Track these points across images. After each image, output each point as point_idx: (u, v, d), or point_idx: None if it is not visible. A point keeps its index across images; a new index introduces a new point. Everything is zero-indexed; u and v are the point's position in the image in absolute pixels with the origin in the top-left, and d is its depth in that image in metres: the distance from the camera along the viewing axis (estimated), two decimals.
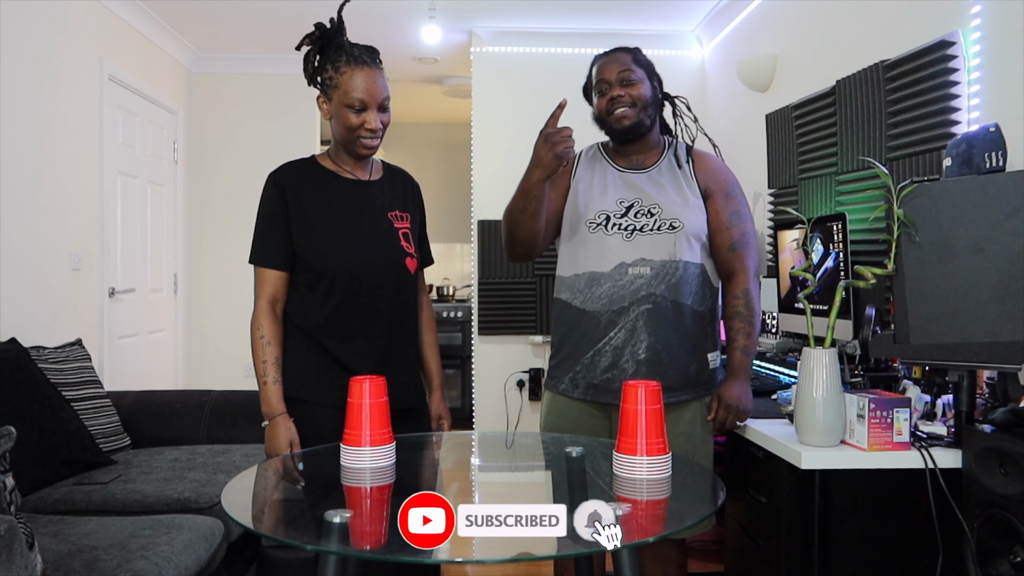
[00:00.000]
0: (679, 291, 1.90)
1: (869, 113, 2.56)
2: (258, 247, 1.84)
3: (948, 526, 1.65)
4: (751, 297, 1.93)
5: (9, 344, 2.59)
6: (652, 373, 1.87)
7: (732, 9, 3.88)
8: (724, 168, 2.02)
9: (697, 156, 2.02)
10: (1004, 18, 2.03)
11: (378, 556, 1.24)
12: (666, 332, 1.89)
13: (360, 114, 1.78)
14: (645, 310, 1.88)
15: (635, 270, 1.90)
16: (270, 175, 1.88)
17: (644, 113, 1.95)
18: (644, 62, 2.01)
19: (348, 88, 1.77)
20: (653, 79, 2.01)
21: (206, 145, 4.95)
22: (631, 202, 1.95)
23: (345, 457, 1.47)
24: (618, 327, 1.90)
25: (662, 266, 1.89)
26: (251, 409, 3.10)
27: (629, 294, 1.89)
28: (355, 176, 1.89)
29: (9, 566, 1.42)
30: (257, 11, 4.13)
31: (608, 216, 1.94)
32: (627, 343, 1.90)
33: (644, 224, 1.92)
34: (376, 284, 1.83)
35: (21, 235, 3.01)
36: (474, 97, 4.41)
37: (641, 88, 1.95)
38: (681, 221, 1.91)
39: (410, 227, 1.91)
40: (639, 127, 1.95)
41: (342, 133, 1.82)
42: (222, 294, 4.94)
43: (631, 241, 1.91)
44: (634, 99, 1.94)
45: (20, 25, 3.01)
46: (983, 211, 1.58)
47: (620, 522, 1.12)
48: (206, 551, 2.11)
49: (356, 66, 1.78)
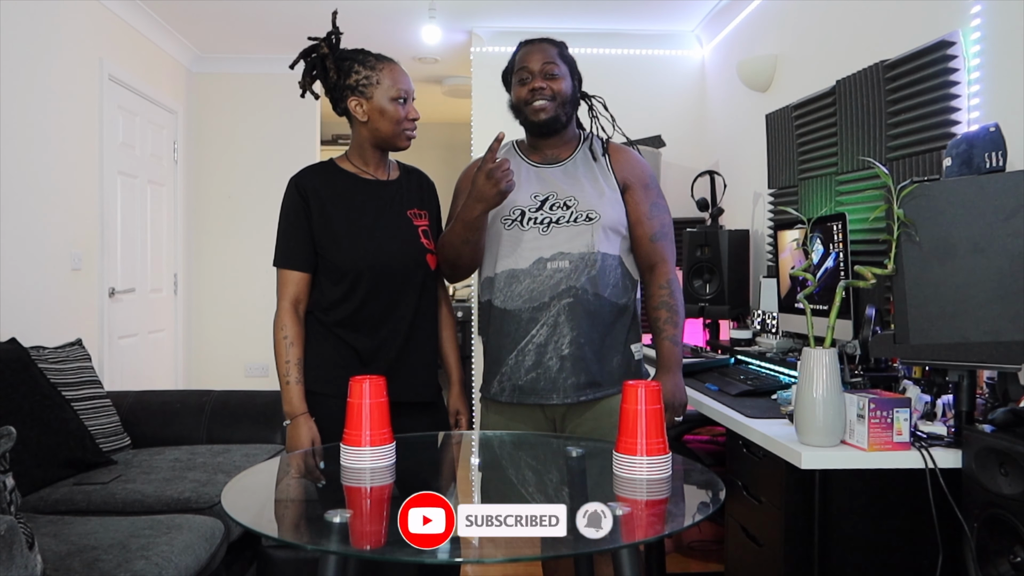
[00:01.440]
0: (598, 283, 1.87)
1: (869, 113, 2.56)
2: (281, 250, 1.92)
3: (948, 526, 1.65)
4: (675, 287, 1.93)
5: (9, 344, 2.59)
6: (576, 369, 1.85)
7: (732, 9, 3.88)
8: (641, 161, 2.01)
9: (614, 149, 2.00)
10: (1004, 18, 2.03)
11: (378, 556, 1.25)
12: (588, 325, 1.86)
13: (404, 105, 1.88)
14: (566, 304, 1.85)
15: (553, 264, 1.87)
16: (291, 180, 1.93)
17: (562, 109, 1.93)
18: (568, 58, 1.98)
19: (393, 81, 1.87)
20: (574, 77, 1.99)
21: (206, 145, 4.95)
22: (545, 196, 1.92)
23: (345, 457, 1.47)
24: (540, 323, 1.86)
25: (580, 258, 1.86)
26: (251, 409, 3.10)
27: (549, 288, 1.86)
28: (374, 176, 1.94)
29: (9, 566, 1.42)
30: (257, 11, 4.13)
31: (523, 211, 1.91)
32: (550, 339, 1.86)
33: (560, 217, 1.89)
34: (398, 281, 1.88)
35: (21, 235, 3.01)
36: (474, 97, 4.41)
37: (563, 83, 1.93)
38: (598, 213, 1.88)
39: (429, 224, 1.96)
40: (555, 121, 1.93)
41: (388, 128, 1.88)
42: (222, 294, 4.94)
43: (548, 235, 1.88)
44: (555, 93, 1.91)
45: (20, 25, 3.01)
46: (983, 211, 1.58)
47: (620, 522, 1.12)
48: (206, 551, 2.11)
49: (390, 63, 1.90)
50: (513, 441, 1.84)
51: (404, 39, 4.52)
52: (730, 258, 3.33)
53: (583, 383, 1.86)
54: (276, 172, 5.14)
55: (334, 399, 1.81)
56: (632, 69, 4.41)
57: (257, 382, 4.79)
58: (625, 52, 4.43)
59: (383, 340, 1.87)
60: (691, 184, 3.81)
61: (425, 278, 1.93)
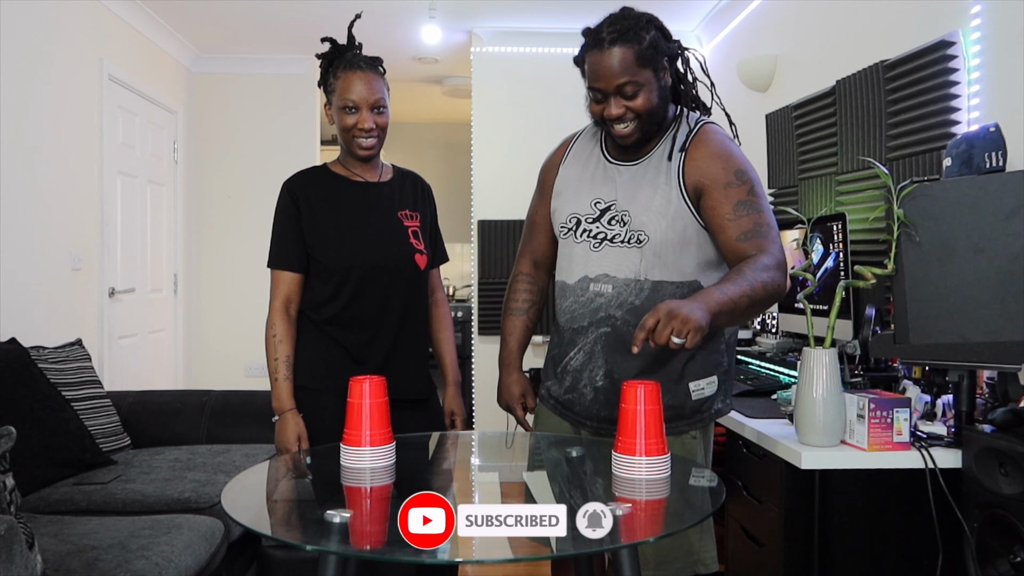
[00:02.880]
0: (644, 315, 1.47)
1: (869, 113, 2.56)
2: (274, 252, 1.96)
3: (948, 526, 1.65)
4: (760, 265, 1.50)
5: (9, 344, 2.59)
6: (609, 404, 1.64)
7: (732, 9, 3.88)
8: (724, 154, 1.62)
9: (695, 144, 1.63)
10: (1004, 18, 2.03)
11: (378, 556, 1.24)
12: (625, 360, 1.63)
13: (353, 114, 1.86)
14: (603, 333, 1.65)
15: (596, 287, 1.65)
16: (284, 184, 1.98)
17: (650, 121, 1.62)
18: (648, 53, 1.58)
19: (342, 91, 1.87)
20: (662, 70, 1.62)
21: (206, 145, 4.95)
22: (608, 204, 1.67)
23: (345, 457, 1.47)
24: (577, 347, 1.69)
25: (625, 285, 1.63)
26: (251, 409, 3.10)
27: (588, 313, 1.67)
28: (364, 179, 1.96)
29: (9, 566, 1.42)
30: (257, 11, 4.12)
31: (579, 220, 1.70)
32: (585, 367, 1.69)
33: (616, 234, 1.64)
34: (387, 280, 1.90)
35: (21, 235, 3.01)
36: (474, 97, 4.41)
37: (648, 95, 1.58)
38: (647, 234, 1.61)
39: (420, 225, 1.98)
40: (645, 137, 1.65)
41: (340, 134, 1.91)
42: (222, 294, 4.94)
43: (598, 252, 1.66)
44: (637, 112, 1.59)
45: (20, 25, 3.01)
46: (983, 211, 1.58)
47: (620, 522, 1.12)
48: (206, 551, 2.11)
49: (352, 70, 1.87)
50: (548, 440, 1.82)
51: (404, 39, 4.51)
52: None
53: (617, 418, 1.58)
54: (276, 172, 5.12)
55: (325, 394, 1.87)
56: None
57: (257, 382, 4.77)
58: None
59: (372, 337, 1.90)
60: None
61: (414, 277, 1.94)
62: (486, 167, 4.38)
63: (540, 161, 1.89)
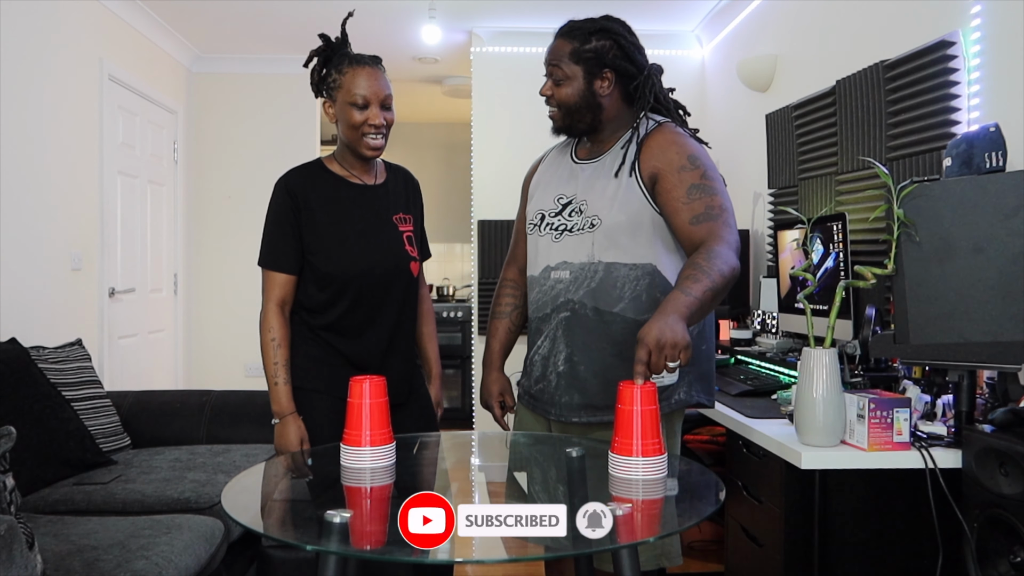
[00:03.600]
0: (602, 297, 1.66)
1: (869, 113, 2.56)
2: (267, 251, 1.89)
3: (948, 526, 1.65)
4: (715, 255, 1.52)
5: (9, 344, 2.59)
6: (570, 388, 1.71)
7: (732, 9, 3.88)
8: (679, 142, 1.67)
9: (652, 135, 1.69)
10: (1004, 18, 2.03)
11: (378, 556, 1.25)
12: (585, 342, 1.68)
13: (363, 111, 1.81)
14: (563, 318, 1.71)
15: (556, 274, 1.72)
16: (279, 180, 1.92)
17: (572, 118, 1.73)
18: (588, 55, 1.70)
19: (351, 86, 1.81)
20: (596, 75, 1.70)
21: (206, 145, 4.95)
22: (569, 199, 1.75)
23: (345, 457, 1.47)
24: (543, 336, 1.76)
25: (580, 269, 1.69)
26: (251, 409, 3.10)
27: (550, 300, 1.74)
28: (362, 180, 1.93)
29: (9, 566, 1.42)
30: (257, 11, 4.13)
31: (543, 215, 1.79)
32: (551, 353, 1.74)
33: (574, 224, 1.72)
34: (382, 288, 1.89)
35: (21, 235, 3.01)
36: (474, 97, 4.41)
37: (567, 90, 1.71)
38: (600, 218, 1.67)
39: (413, 229, 1.97)
40: (570, 130, 1.76)
41: (347, 132, 1.85)
42: (222, 294, 4.94)
43: (559, 242, 1.74)
44: (558, 101, 1.72)
45: (20, 25, 3.01)
46: (983, 211, 1.58)
47: (618, 522, 1.12)
48: (206, 551, 2.11)
49: (358, 66, 1.83)
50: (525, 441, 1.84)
51: (404, 39, 4.52)
52: None
53: (576, 404, 1.71)
54: (276, 172, 5.09)
55: (320, 395, 1.87)
56: None
57: (257, 382, 4.76)
58: None
59: (366, 345, 1.89)
60: None
61: (408, 285, 1.94)
62: (486, 167, 4.38)
63: None
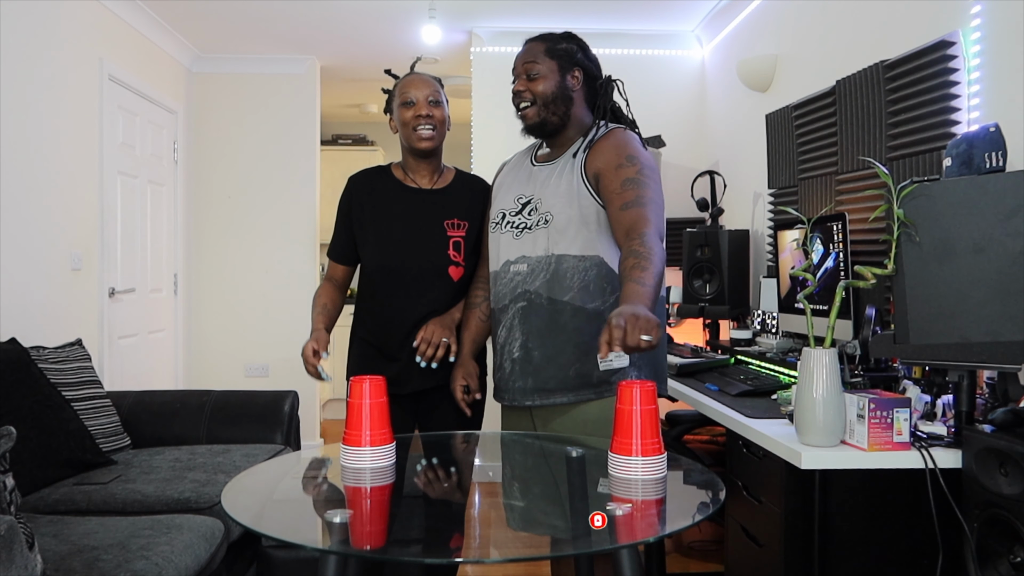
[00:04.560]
0: (555, 287, 1.79)
1: (869, 113, 2.56)
2: (331, 242, 2.18)
3: (948, 526, 1.65)
4: (649, 239, 1.62)
5: (9, 344, 2.59)
6: (524, 373, 1.82)
7: (732, 9, 3.88)
8: (619, 142, 1.82)
9: (600, 140, 1.85)
10: (1004, 18, 2.03)
11: (378, 556, 1.25)
12: (539, 330, 1.81)
13: (411, 107, 2.05)
14: (520, 307, 1.83)
15: (515, 267, 1.85)
16: (348, 179, 2.17)
17: (547, 110, 1.86)
18: (562, 52, 1.88)
19: (401, 93, 2.08)
20: (568, 71, 1.88)
21: (206, 145, 4.95)
22: (528, 198, 1.88)
23: (345, 457, 1.47)
24: (501, 325, 1.88)
25: (537, 262, 1.82)
26: (251, 409, 3.10)
27: (509, 292, 1.86)
28: (418, 185, 2.10)
29: (9, 566, 1.42)
30: (257, 11, 4.12)
31: (504, 214, 1.91)
32: (507, 341, 1.86)
33: (532, 222, 1.85)
34: (415, 288, 2.03)
35: (21, 235, 3.01)
36: (474, 97, 4.41)
37: (544, 83, 1.85)
38: (552, 215, 1.81)
39: (465, 235, 2.07)
40: (544, 125, 1.88)
41: (403, 132, 2.08)
42: (222, 294, 4.94)
43: (519, 240, 1.86)
44: (534, 95, 1.86)
45: (20, 25, 3.01)
46: (983, 211, 1.58)
47: (618, 522, 1.12)
48: (206, 551, 2.11)
49: (408, 77, 2.11)
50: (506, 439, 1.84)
51: (404, 39, 4.51)
52: (730, 258, 3.33)
53: (530, 387, 1.83)
54: (276, 172, 5.18)
55: None
56: (632, 69, 4.41)
57: (257, 382, 4.79)
58: (625, 52, 4.43)
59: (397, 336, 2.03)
60: (691, 184, 3.81)
61: (446, 288, 2.04)
62: (486, 167, 4.38)
63: None
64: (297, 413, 3.18)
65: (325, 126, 5.66)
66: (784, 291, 2.80)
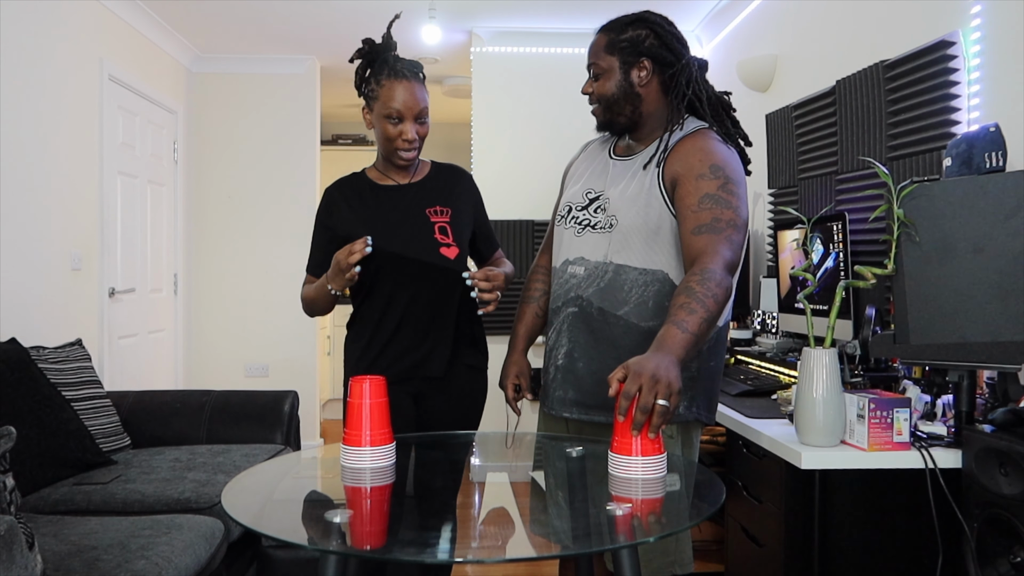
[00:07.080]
0: (609, 298, 1.65)
1: (869, 113, 2.56)
2: (310, 257, 2.06)
3: (948, 526, 1.65)
4: (710, 277, 1.48)
5: (9, 344, 2.59)
6: (565, 382, 1.71)
7: (732, 9, 3.88)
8: (707, 149, 1.63)
9: (683, 140, 1.66)
10: (1004, 18, 2.03)
11: (378, 556, 1.25)
12: (586, 341, 1.68)
13: (397, 125, 1.89)
14: (571, 313, 1.71)
15: (572, 268, 1.72)
16: (325, 190, 2.06)
17: (611, 112, 1.72)
18: (624, 44, 1.69)
19: (386, 99, 1.88)
20: (633, 64, 1.68)
21: (206, 145, 4.95)
22: (597, 194, 1.74)
23: (345, 457, 1.47)
24: (553, 327, 1.77)
25: (595, 268, 1.68)
26: (251, 409, 3.10)
27: (563, 293, 1.74)
28: (396, 182, 2.01)
29: (9, 566, 1.42)
30: (257, 11, 4.13)
31: (571, 208, 1.79)
32: (555, 346, 1.75)
33: (597, 221, 1.71)
34: (411, 274, 1.93)
35: (21, 235, 3.01)
36: (474, 97, 4.41)
37: (607, 83, 1.70)
38: (618, 219, 1.66)
39: (450, 221, 1.99)
40: (611, 125, 1.75)
41: (381, 143, 1.95)
42: (222, 294, 4.94)
43: (580, 237, 1.73)
44: (598, 96, 1.72)
45: (20, 25, 3.01)
46: (983, 211, 1.58)
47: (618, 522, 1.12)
48: (206, 551, 2.11)
49: (396, 79, 1.88)
50: None
51: (404, 39, 4.51)
52: None
53: (570, 399, 1.72)
54: (276, 172, 5.18)
55: None
56: None
57: (257, 382, 4.79)
58: None
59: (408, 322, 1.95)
60: None
61: (444, 268, 1.95)
62: (486, 167, 4.38)
63: (540, 161, 1.95)
64: (297, 413, 3.18)
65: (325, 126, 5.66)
66: (784, 291, 2.80)
